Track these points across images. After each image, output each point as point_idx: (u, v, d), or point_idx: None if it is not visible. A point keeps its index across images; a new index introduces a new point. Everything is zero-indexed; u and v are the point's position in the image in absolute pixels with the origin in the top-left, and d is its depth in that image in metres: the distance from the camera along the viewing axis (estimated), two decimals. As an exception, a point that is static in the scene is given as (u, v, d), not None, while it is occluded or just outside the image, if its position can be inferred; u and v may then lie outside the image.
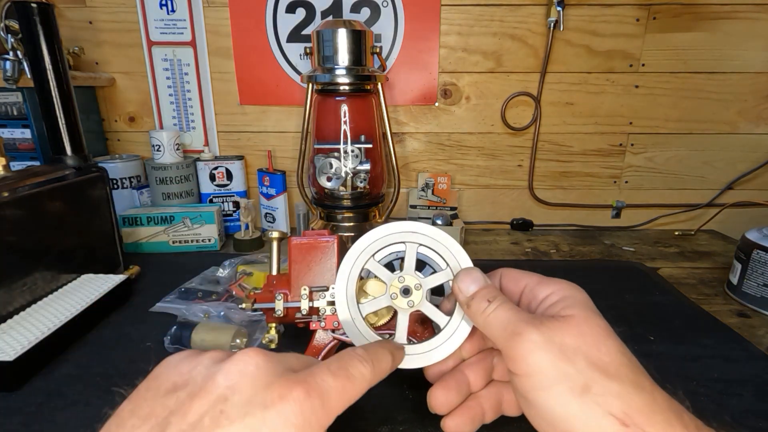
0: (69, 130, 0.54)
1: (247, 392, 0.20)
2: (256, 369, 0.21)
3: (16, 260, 0.45)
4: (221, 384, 0.21)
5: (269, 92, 0.79)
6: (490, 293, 0.28)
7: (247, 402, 0.20)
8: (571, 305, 0.26)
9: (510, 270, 0.32)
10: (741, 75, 0.77)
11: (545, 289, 0.28)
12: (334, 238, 0.37)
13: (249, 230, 0.73)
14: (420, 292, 0.32)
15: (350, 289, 0.33)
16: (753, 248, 0.54)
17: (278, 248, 0.40)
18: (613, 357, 0.24)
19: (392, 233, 0.33)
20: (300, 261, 0.37)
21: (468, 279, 0.29)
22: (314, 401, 0.21)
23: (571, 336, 0.24)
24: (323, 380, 0.22)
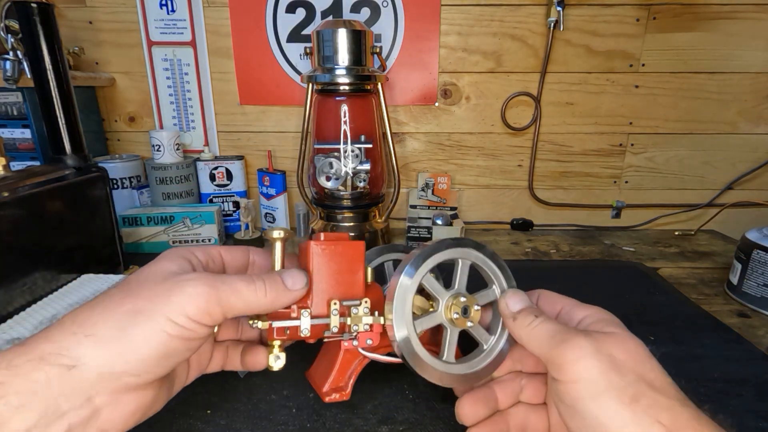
0: (69, 130, 0.54)
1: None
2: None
3: (16, 260, 0.45)
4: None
5: (269, 92, 0.79)
6: (535, 310, 0.30)
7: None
8: (611, 325, 0.27)
9: (548, 292, 0.33)
10: (741, 75, 0.77)
11: (582, 311, 0.30)
12: (362, 242, 0.34)
13: (249, 230, 0.73)
14: (477, 312, 0.32)
15: (408, 306, 0.31)
16: (753, 248, 0.54)
17: (282, 250, 0.33)
18: (658, 374, 0.25)
19: (450, 249, 0.32)
20: (324, 269, 0.32)
21: (516, 297, 0.31)
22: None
23: (618, 350, 0.25)
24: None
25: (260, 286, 0.27)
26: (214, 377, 0.40)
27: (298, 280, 0.30)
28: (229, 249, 0.33)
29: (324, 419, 0.35)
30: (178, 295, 0.24)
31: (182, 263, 0.28)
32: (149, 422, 0.35)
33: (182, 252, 0.29)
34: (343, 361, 0.35)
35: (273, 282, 0.28)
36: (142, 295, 0.24)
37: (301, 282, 0.30)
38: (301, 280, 0.30)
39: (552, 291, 0.33)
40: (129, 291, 0.25)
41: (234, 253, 0.33)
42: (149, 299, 0.24)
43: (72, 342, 0.22)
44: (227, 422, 0.35)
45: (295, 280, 0.29)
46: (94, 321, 0.23)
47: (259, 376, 0.41)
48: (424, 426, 0.35)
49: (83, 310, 0.24)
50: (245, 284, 0.27)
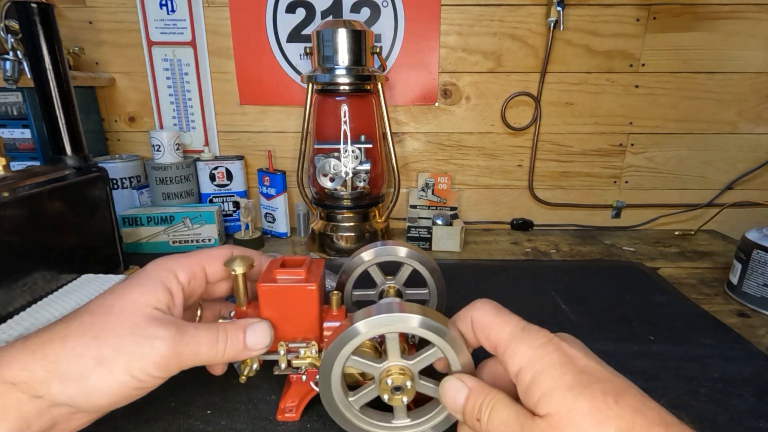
0: (69, 130, 0.54)
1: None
2: None
3: (16, 260, 0.45)
4: None
5: (269, 92, 0.79)
6: (474, 405, 0.26)
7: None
8: (547, 392, 0.23)
9: (480, 313, 0.28)
10: (741, 75, 0.77)
11: (513, 360, 0.26)
12: (315, 285, 0.32)
13: (249, 230, 0.73)
14: (411, 384, 0.30)
15: (338, 392, 0.31)
16: (753, 248, 0.54)
17: (245, 283, 0.33)
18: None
19: (367, 332, 0.29)
20: (273, 309, 0.33)
21: (449, 396, 0.28)
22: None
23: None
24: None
25: (221, 347, 0.30)
26: (215, 378, 0.40)
27: (261, 339, 0.31)
28: (213, 259, 0.33)
29: (324, 419, 0.35)
30: (141, 354, 0.26)
31: (159, 296, 0.29)
32: (149, 422, 0.35)
33: (163, 276, 0.30)
34: (292, 390, 0.37)
35: (234, 341, 0.30)
36: (108, 342, 0.26)
37: (263, 341, 0.31)
38: (264, 340, 0.31)
39: (488, 304, 0.29)
40: (99, 330, 0.27)
41: (218, 264, 0.34)
42: (115, 348, 0.26)
43: (43, 380, 0.25)
44: (227, 422, 0.35)
45: (257, 339, 0.31)
46: (63, 360, 0.25)
47: (260, 376, 0.41)
48: (424, 426, 0.35)
49: (54, 342, 0.26)
50: (208, 345, 0.29)
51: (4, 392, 0.24)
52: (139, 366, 0.26)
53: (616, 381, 0.24)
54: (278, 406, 0.36)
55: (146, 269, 0.31)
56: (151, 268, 0.31)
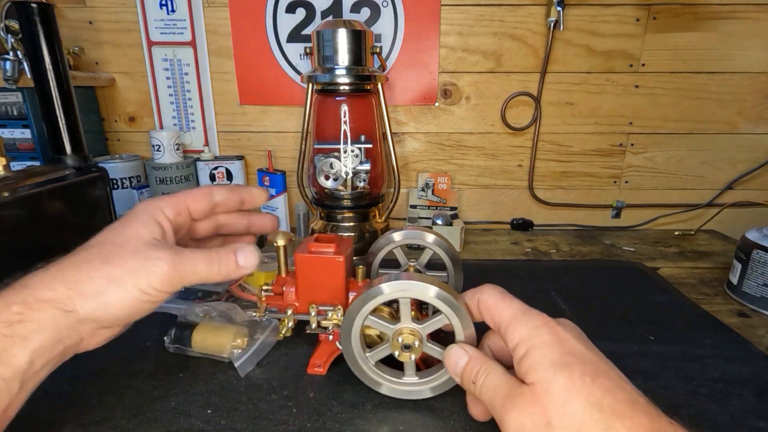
0: (69, 130, 0.54)
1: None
2: None
3: (16, 260, 0.45)
4: None
5: (269, 92, 0.79)
6: (472, 371, 0.31)
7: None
8: (534, 365, 0.27)
9: (488, 294, 0.32)
10: (741, 75, 0.77)
11: (512, 337, 0.29)
12: (342, 257, 0.38)
13: (249, 230, 0.73)
14: (419, 343, 0.35)
15: (356, 346, 0.36)
16: (753, 248, 0.54)
17: (285, 254, 0.41)
18: (580, 419, 0.25)
19: (389, 293, 0.34)
20: (306, 275, 0.39)
21: (451, 361, 0.32)
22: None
23: (538, 412, 0.26)
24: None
25: (215, 265, 0.33)
26: (215, 377, 0.40)
27: (250, 258, 0.34)
28: (195, 197, 0.37)
29: (324, 419, 0.35)
30: (146, 271, 0.30)
31: (153, 229, 0.32)
32: (149, 422, 0.35)
33: (152, 211, 0.33)
34: (321, 348, 0.42)
35: (227, 261, 0.33)
36: (117, 264, 0.30)
37: (252, 260, 0.34)
38: (253, 259, 0.34)
39: (495, 289, 0.33)
40: (107, 256, 0.30)
41: (199, 202, 0.37)
42: (123, 269, 0.30)
43: (68, 297, 0.29)
44: (227, 422, 0.35)
45: (247, 258, 0.34)
46: (81, 281, 0.29)
47: (260, 375, 0.41)
48: (424, 425, 0.35)
49: (70, 269, 0.30)
50: (204, 264, 0.32)
51: (40, 308, 0.28)
52: (146, 281, 0.30)
53: (598, 365, 0.27)
54: (309, 362, 0.41)
55: (136, 208, 0.34)
56: (141, 207, 0.34)
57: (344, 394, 0.38)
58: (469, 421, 0.35)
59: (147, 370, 0.41)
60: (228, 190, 0.38)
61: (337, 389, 0.39)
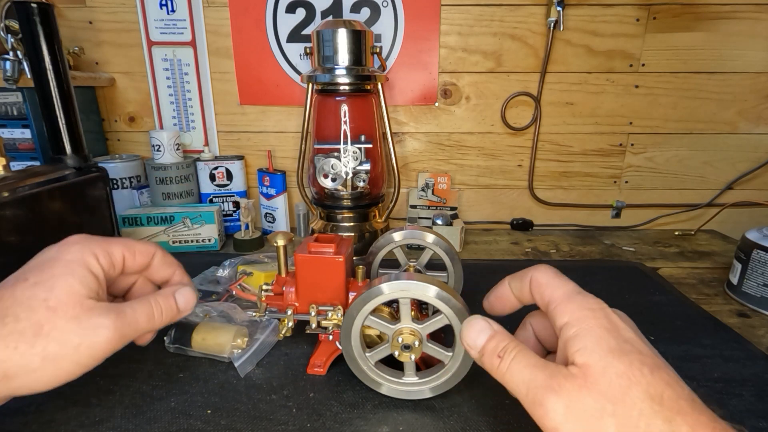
0: (69, 130, 0.54)
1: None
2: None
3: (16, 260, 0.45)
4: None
5: (269, 92, 0.79)
6: (498, 345, 0.27)
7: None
8: (587, 347, 0.24)
9: (541, 273, 0.30)
10: (741, 75, 0.77)
11: (562, 314, 0.27)
12: (342, 257, 0.38)
13: (249, 230, 0.73)
14: (419, 344, 0.35)
15: (356, 346, 0.36)
16: (753, 248, 0.54)
17: (285, 254, 0.41)
18: (640, 409, 0.22)
19: (388, 293, 0.34)
20: (306, 275, 0.39)
21: (473, 332, 0.28)
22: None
23: (592, 397, 0.23)
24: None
25: (157, 318, 0.32)
26: (215, 377, 0.40)
27: (190, 299, 0.34)
28: (133, 251, 0.33)
29: (324, 419, 0.35)
30: (88, 344, 0.27)
31: (89, 283, 0.29)
32: (149, 422, 0.35)
33: (86, 260, 0.30)
34: (321, 348, 0.42)
35: (168, 309, 0.32)
36: (53, 337, 0.26)
37: (192, 302, 0.34)
38: (192, 301, 0.34)
39: (550, 268, 0.30)
40: (39, 325, 0.26)
41: (137, 258, 0.34)
42: (61, 343, 0.27)
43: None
44: (227, 422, 0.35)
45: (187, 300, 0.34)
46: (7, 362, 0.26)
47: (260, 375, 0.41)
48: (424, 426, 0.35)
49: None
50: (145, 320, 0.31)
51: None
52: (88, 354, 0.27)
53: (655, 358, 0.25)
54: (308, 362, 0.42)
55: (71, 251, 0.30)
56: (78, 253, 0.30)
57: (344, 394, 0.38)
58: (469, 421, 0.35)
59: (147, 370, 0.41)
60: (167, 263, 0.35)
61: (337, 389, 0.39)
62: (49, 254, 0.30)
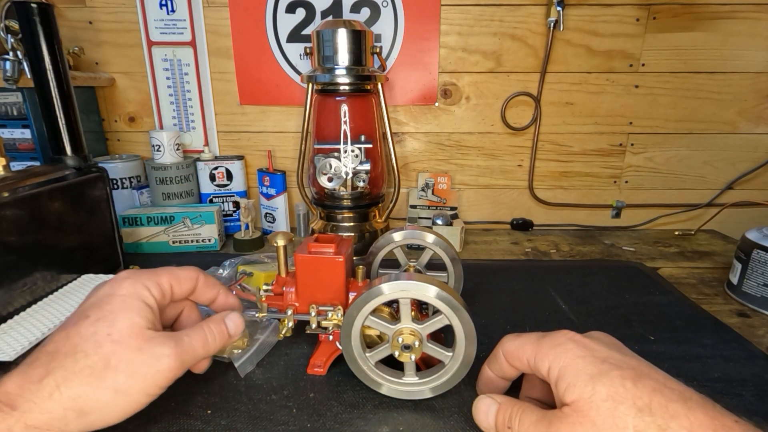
0: (69, 130, 0.54)
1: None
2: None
3: (16, 260, 0.45)
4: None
5: (269, 92, 0.79)
6: (505, 416, 0.29)
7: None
8: (569, 383, 0.26)
9: (507, 344, 0.32)
10: (741, 75, 0.77)
11: (542, 362, 0.28)
12: (342, 257, 0.38)
13: (249, 230, 0.73)
14: (419, 344, 0.35)
15: (357, 346, 0.36)
16: (753, 248, 0.54)
17: (285, 254, 0.41)
18: (633, 425, 0.23)
19: (389, 294, 0.34)
20: (306, 276, 0.39)
21: (481, 413, 0.31)
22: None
23: (587, 430, 0.24)
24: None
25: (211, 343, 0.33)
26: (215, 377, 0.40)
27: (239, 325, 0.36)
28: (178, 278, 0.35)
29: (324, 419, 0.35)
30: (154, 373, 0.29)
31: (147, 315, 0.31)
32: (150, 422, 0.35)
33: (141, 293, 0.31)
34: (321, 349, 0.42)
35: (220, 334, 0.34)
36: (121, 370, 0.28)
37: (240, 327, 0.36)
38: (241, 326, 0.36)
39: (512, 335, 0.32)
40: (107, 359, 0.28)
41: (183, 284, 0.35)
42: (129, 375, 0.28)
43: (62, 414, 0.26)
44: (227, 422, 0.35)
45: (236, 325, 0.35)
46: (82, 398, 0.26)
47: (260, 375, 0.41)
48: (424, 426, 0.35)
49: (68, 381, 0.26)
50: (201, 345, 0.32)
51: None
52: (154, 384, 0.29)
53: (637, 367, 0.26)
54: (308, 362, 0.42)
55: (124, 286, 0.31)
56: (131, 287, 0.32)
57: (344, 394, 0.38)
58: (469, 421, 0.35)
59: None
60: (209, 285, 0.37)
61: (337, 389, 0.39)
62: (103, 291, 0.32)
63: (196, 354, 0.32)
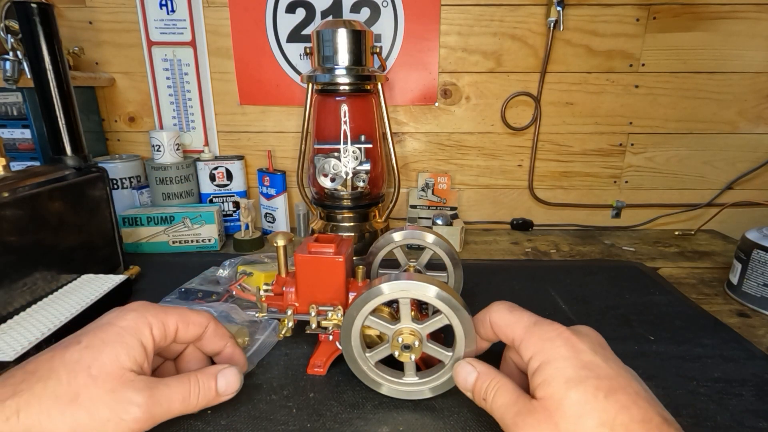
0: (69, 130, 0.54)
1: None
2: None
3: (16, 260, 0.45)
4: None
5: (269, 92, 0.79)
6: (482, 386, 0.30)
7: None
8: (548, 379, 0.27)
9: (497, 315, 0.32)
10: (741, 75, 0.77)
11: (526, 349, 0.29)
12: (342, 257, 0.38)
13: (249, 230, 0.73)
14: (419, 344, 0.35)
15: (356, 346, 0.36)
16: (753, 248, 0.54)
17: (285, 254, 0.41)
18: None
19: (388, 294, 0.34)
20: (306, 276, 0.39)
21: (461, 376, 0.32)
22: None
23: (549, 430, 0.25)
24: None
25: (193, 399, 0.30)
26: (214, 377, 0.40)
27: (232, 383, 0.32)
28: (187, 322, 0.33)
29: (324, 419, 0.35)
30: (116, 420, 0.27)
31: (135, 354, 0.29)
32: (149, 422, 0.35)
33: (140, 330, 0.30)
34: (321, 349, 0.42)
35: (206, 390, 0.31)
36: (85, 407, 0.26)
37: (234, 386, 0.32)
38: (235, 385, 0.32)
39: (504, 306, 0.32)
40: (77, 392, 0.26)
41: (190, 329, 0.33)
42: (91, 415, 0.26)
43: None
44: (227, 422, 0.35)
45: (229, 384, 0.32)
46: (36, 425, 0.25)
47: (260, 376, 0.41)
48: (424, 426, 0.35)
49: (29, 407, 0.25)
50: (179, 401, 0.30)
51: None
52: (113, 430, 0.27)
53: (615, 379, 0.26)
54: (308, 362, 0.42)
55: (127, 318, 0.30)
56: (132, 321, 0.30)
57: (344, 395, 0.38)
58: (469, 421, 0.35)
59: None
60: (218, 335, 0.35)
61: (337, 389, 0.39)
62: (106, 319, 0.31)
63: (171, 409, 0.29)
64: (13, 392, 0.26)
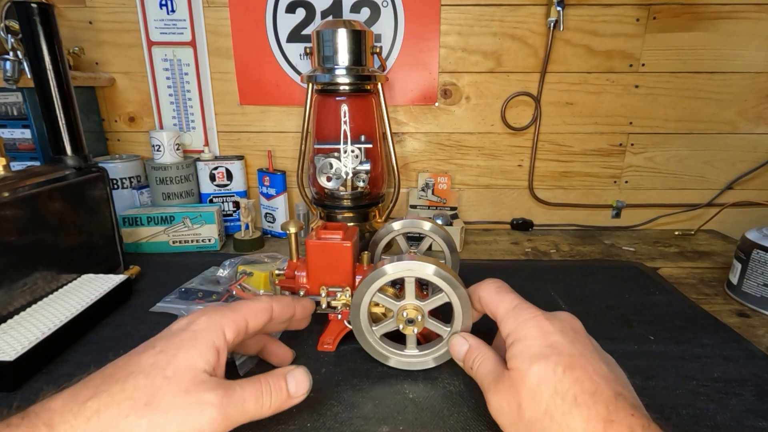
0: (69, 130, 0.54)
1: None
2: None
3: (16, 260, 0.45)
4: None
5: (269, 92, 0.79)
6: (470, 357, 0.35)
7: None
8: (516, 355, 0.30)
9: (485, 292, 0.36)
10: (741, 75, 0.77)
11: (505, 327, 0.33)
12: (350, 243, 0.41)
13: (249, 230, 0.73)
14: (422, 318, 0.38)
15: (365, 320, 0.39)
16: (753, 248, 0.54)
17: (296, 240, 0.44)
18: (546, 405, 0.27)
19: (393, 273, 0.37)
20: (316, 259, 0.42)
21: (454, 349, 0.37)
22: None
23: (513, 396, 0.29)
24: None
25: (266, 401, 0.30)
26: (215, 377, 0.40)
27: (302, 384, 0.32)
28: (256, 313, 0.34)
29: (324, 419, 0.35)
30: (192, 421, 0.27)
31: (209, 357, 0.29)
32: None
33: (215, 334, 0.31)
34: (330, 327, 0.46)
35: (278, 392, 0.31)
36: (161, 409, 0.26)
37: (304, 387, 0.32)
38: (304, 386, 0.32)
39: (493, 284, 0.36)
40: (153, 394, 0.27)
41: (260, 318, 0.34)
42: (167, 416, 0.26)
43: None
44: (227, 422, 0.35)
45: (299, 385, 0.32)
46: (115, 428, 0.25)
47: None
48: (424, 426, 0.35)
49: (109, 409, 0.26)
50: (253, 402, 0.30)
51: None
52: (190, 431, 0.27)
53: (576, 357, 0.29)
54: (318, 340, 0.45)
55: (199, 323, 0.31)
56: (204, 324, 0.31)
57: (344, 394, 0.38)
58: (469, 421, 0.35)
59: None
60: (284, 304, 0.37)
61: (337, 389, 0.39)
62: (179, 324, 0.32)
63: (246, 410, 0.29)
64: (93, 393, 0.26)
